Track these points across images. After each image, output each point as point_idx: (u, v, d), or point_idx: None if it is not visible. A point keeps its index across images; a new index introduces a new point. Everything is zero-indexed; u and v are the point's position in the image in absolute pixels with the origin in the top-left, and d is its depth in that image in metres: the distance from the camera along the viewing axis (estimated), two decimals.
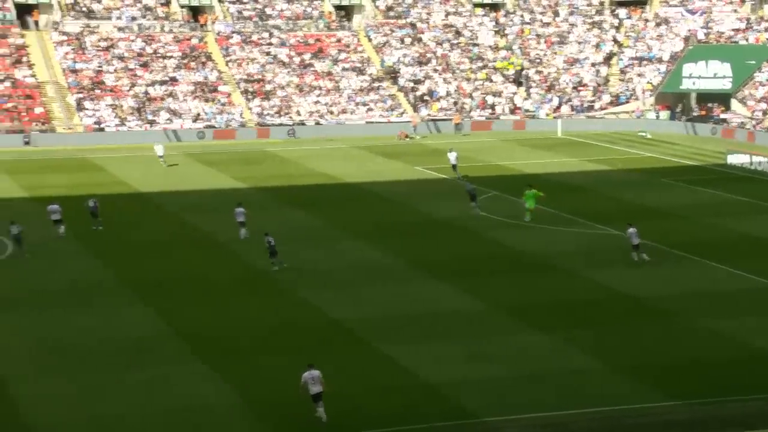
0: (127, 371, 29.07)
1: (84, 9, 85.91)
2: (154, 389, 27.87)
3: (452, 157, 60.95)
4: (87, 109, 77.32)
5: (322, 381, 25.80)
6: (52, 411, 26.30)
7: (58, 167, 63.91)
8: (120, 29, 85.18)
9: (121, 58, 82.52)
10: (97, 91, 79.19)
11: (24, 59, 79.79)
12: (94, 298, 36.09)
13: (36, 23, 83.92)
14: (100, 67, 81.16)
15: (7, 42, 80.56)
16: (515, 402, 27.15)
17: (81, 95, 78.24)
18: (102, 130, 75.88)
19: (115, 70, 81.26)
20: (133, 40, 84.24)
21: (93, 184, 58.09)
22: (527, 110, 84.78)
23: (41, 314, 34.00)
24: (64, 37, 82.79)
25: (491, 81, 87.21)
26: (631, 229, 40.99)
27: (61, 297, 36.09)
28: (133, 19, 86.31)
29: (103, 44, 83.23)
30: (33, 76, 78.73)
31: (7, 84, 77.00)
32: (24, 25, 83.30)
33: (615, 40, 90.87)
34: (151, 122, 77.21)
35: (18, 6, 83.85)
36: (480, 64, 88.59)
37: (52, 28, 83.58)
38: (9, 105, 75.32)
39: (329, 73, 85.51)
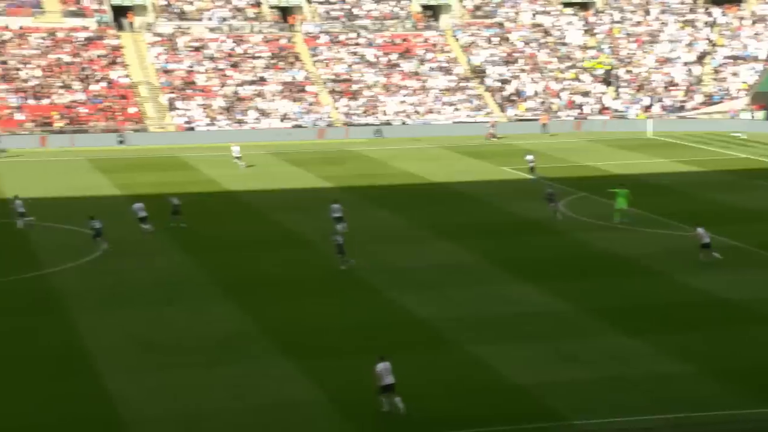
0: (216, 367, 29.38)
1: (177, 10, 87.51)
2: (242, 386, 28.11)
3: (529, 159, 60.67)
4: (178, 108, 78.74)
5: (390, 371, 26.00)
6: (145, 406, 26.69)
7: (150, 166, 65.10)
8: (211, 30, 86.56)
9: (211, 58, 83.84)
10: (188, 91, 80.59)
11: (119, 60, 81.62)
12: (182, 294, 36.55)
13: (131, 25, 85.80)
14: (191, 67, 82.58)
15: (104, 43, 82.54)
16: (603, 405, 26.80)
17: (173, 95, 79.73)
18: (192, 129, 77.20)
19: (206, 71, 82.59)
20: (223, 41, 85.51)
21: (183, 182, 59.01)
22: (616, 110, 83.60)
23: (132, 311, 34.57)
24: (158, 38, 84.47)
25: (579, 81, 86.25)
26: (700, 229, 40.22)
27: (151, 293, 36.64)
28: (224, 20, 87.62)
29: (195, 45, 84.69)
30: (127, 76, 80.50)
31: (103, 84, 78.84)
32: (120, 27, 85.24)
33: (708, 39, 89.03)
34: (240, 122, 78.29)
35: (114, 8, 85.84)
36: (568, 63, 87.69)
37: (146, 30, 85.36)
38: (104, 105, 77.15)
39: (416, 73, 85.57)
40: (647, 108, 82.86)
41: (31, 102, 75.56)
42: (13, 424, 25.70)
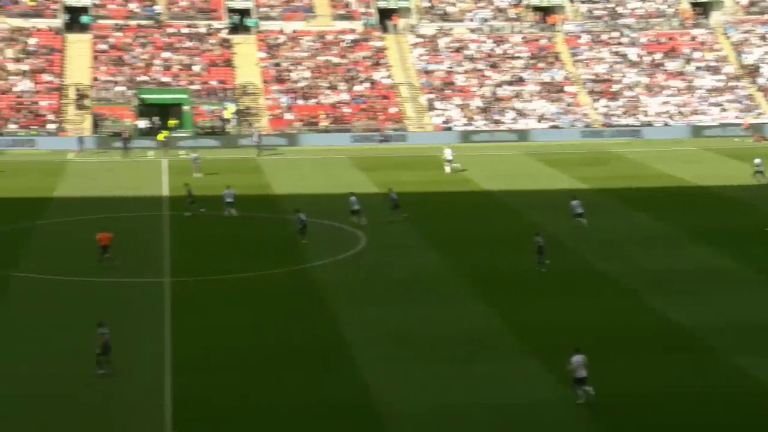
0: (467, 365, 29.62)
1: (440, 12, 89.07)
2: (492, 383, 28.26)
3: (757, 162, 57.30)
4: (437, 108, 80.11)
5: (586, 365, 26.30)
6: (400, 399, 27.14)
7: (408, 165, 66.52)
8: (472, 31, 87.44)
9: (471, 59, 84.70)
10: (447, 92, 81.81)
11: (382, 61, 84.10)
12: (436, 291, 37.04)
13: (395, 27, 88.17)
14: (451, 68, 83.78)
15: (369, 45, 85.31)
16: None
17: (432, 95, 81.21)
18: (450, 129, 78.31)
19: (465, 71, 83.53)
20: (483, 42, 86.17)
21: (441, 181, 59.98)
22: None
23: (388, 305, 35.35)
24: (420, 40, 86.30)
25: None
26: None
27: (406, 289, 37.32)
28: (485, 20, 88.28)
29: (455, 45, 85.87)
30: (389, 77, 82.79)
31: (367, 85, 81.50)
32: (384, 29, 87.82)
33: None
34: (497, 122, 78.61)
35: (380, 11, 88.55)
36: None
37: (410, 32, 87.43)
38: (366, 105, 79.74)
39: (681, 73, 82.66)
40: None
41: (300, 102, 79.28)
42: (274, 401, 27.10)
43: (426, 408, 26.73)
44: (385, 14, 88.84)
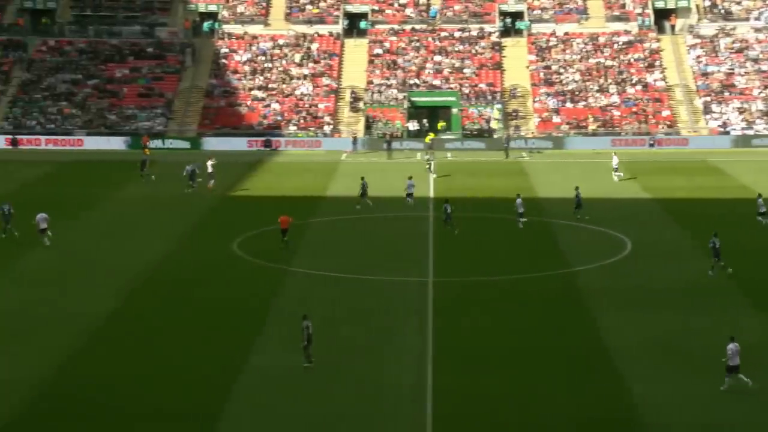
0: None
1: (722, 11, 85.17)
2: (763, 400, 26.73)
3: None
4: (714, 112, 76.66)
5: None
6: (667, 412, 26.12)
7: (680, 170, 64.10)
8: (757, 30, 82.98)
9: (754, 60, 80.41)
10: (726, 94, 78.10)
11: (656, 63, 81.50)
12: (709, 302, 35.41)
13: (672, 27, 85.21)
14: (731, 69, 79.91)
15: (643, 46, 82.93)
16: None
17: (708, 98, 77.80)
18: (727, 133, 74.69)
19: (746, 73, 79.38)
20: None
21: (711, 187, 57.47)
22: None
23: (655, 314, 34.08)
24: (698, 41, 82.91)
25: None
26: None
27: (675, 298, 35.92)
28: None
29: (737, 46, 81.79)
30: (663, 79, 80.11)
31: (639, 87, 79.26)
32: (660, 30, 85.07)
33: None
34: None
35: (657, 11, 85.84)
36: None
37: (688, 32, 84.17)
38: (637, 108, 77.55)
39: None
40: None
41: (569, 105, 78.31)
42: (533, 405, 26.55)
43: (697, 424, 25.62)
44: (662, 14, 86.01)
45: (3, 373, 28.95)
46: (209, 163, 57.63)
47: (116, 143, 74.54)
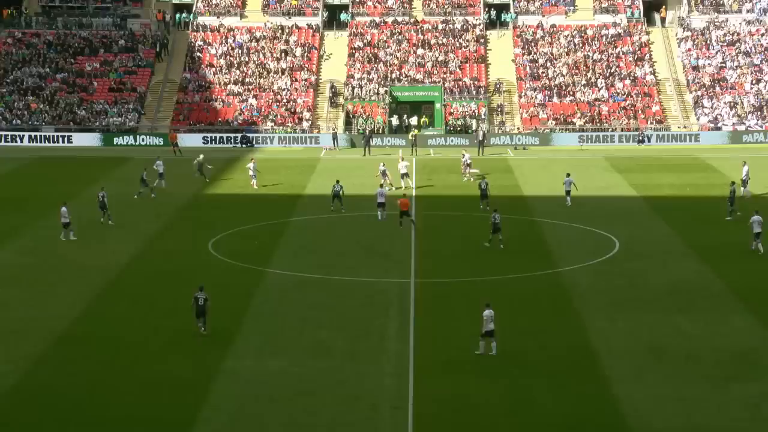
0: (731, 383, 26.59)
1: (713, 3, 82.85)
2: (759, 405, 25.17)
3: None
4: (704, 107, 74.41)
5: None
6: (653, 416, 24.84)
7: (669, 167, 62.04)
8: (748, 23, 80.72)
9: (746, 53, 78.16)
10: (717, 89, 75.82)
11: (646, 57, 79.18)
12: (697, 303, 33.77)
13: (662, 20, 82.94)
14: (722, 63, 77.63)
15: (632, 39, 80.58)
16: None
17: (699, 93, 75.54)
18: (718, 129, 72.45)
19: (738, 67, 77.14)
20: (762, 34, 79.31)
21: (703, 184, 55.47)
22: None
23: (642, 315, 32.55)
24: (689, 33, 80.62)
25: None
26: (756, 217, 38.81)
27: (663, 299, 34.28)
28: (765, 12, 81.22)
29: (729, 39, 79.52)
30: (653, 73, 77.81)
31: (627, 82, 76.95)
32: (650, 22, 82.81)
33: None
34: None
35: (646, 3, 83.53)
36: None
37: (678, 24, 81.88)
38: (626, 103, 75.23)
39: None
40: None
41: (555, 100, 75.93)
42: (518, 408, 25.00)
43: (682, 426, 24.25)
44: (652, 6, 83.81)
45: None
46: (158, 162, 55.56)
47: (86, 140, 72.17)
